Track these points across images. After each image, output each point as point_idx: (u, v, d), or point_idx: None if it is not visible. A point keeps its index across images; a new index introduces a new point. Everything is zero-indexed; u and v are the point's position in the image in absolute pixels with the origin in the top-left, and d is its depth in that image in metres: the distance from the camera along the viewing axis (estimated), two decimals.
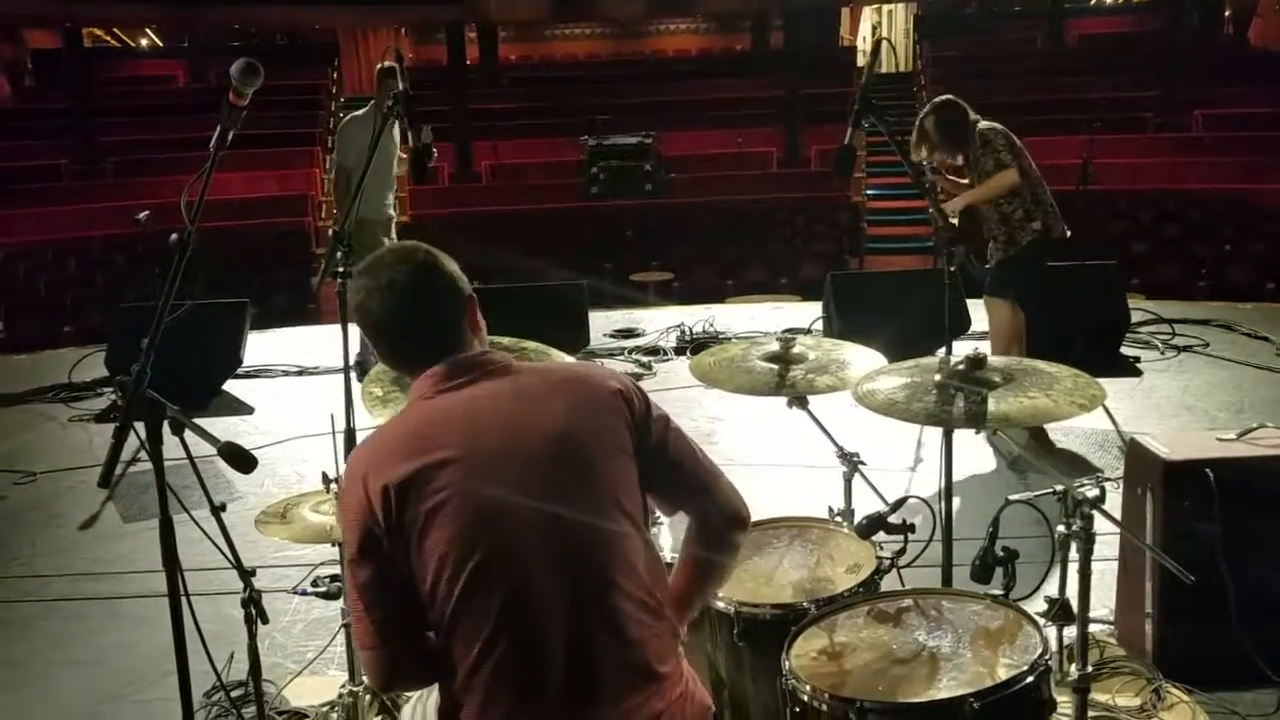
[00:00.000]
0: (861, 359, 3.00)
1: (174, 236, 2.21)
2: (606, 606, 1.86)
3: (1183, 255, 11.43)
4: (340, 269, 3.09)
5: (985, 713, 1.96)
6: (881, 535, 2.57)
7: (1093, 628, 2.63)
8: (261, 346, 7.71)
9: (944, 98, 5.57)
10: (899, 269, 11.52)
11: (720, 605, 2.48)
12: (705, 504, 2.05)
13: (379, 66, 6.75)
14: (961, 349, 7.05)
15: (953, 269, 2.95)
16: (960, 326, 6.78)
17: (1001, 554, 2.31)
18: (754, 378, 2.92)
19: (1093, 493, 2.26)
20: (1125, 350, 6.96)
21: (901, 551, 2.60)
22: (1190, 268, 10.94)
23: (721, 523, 2.06)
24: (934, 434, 5.40)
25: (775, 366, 2.95)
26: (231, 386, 6.96)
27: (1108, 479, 3.86)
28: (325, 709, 3.31)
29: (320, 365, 7.42)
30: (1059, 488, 2.78)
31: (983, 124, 5.51)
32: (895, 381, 2.68)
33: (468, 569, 1.82)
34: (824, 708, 2.09)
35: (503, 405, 1.92)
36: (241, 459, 2.53)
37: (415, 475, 1.85)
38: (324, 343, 7.85)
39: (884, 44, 3.15)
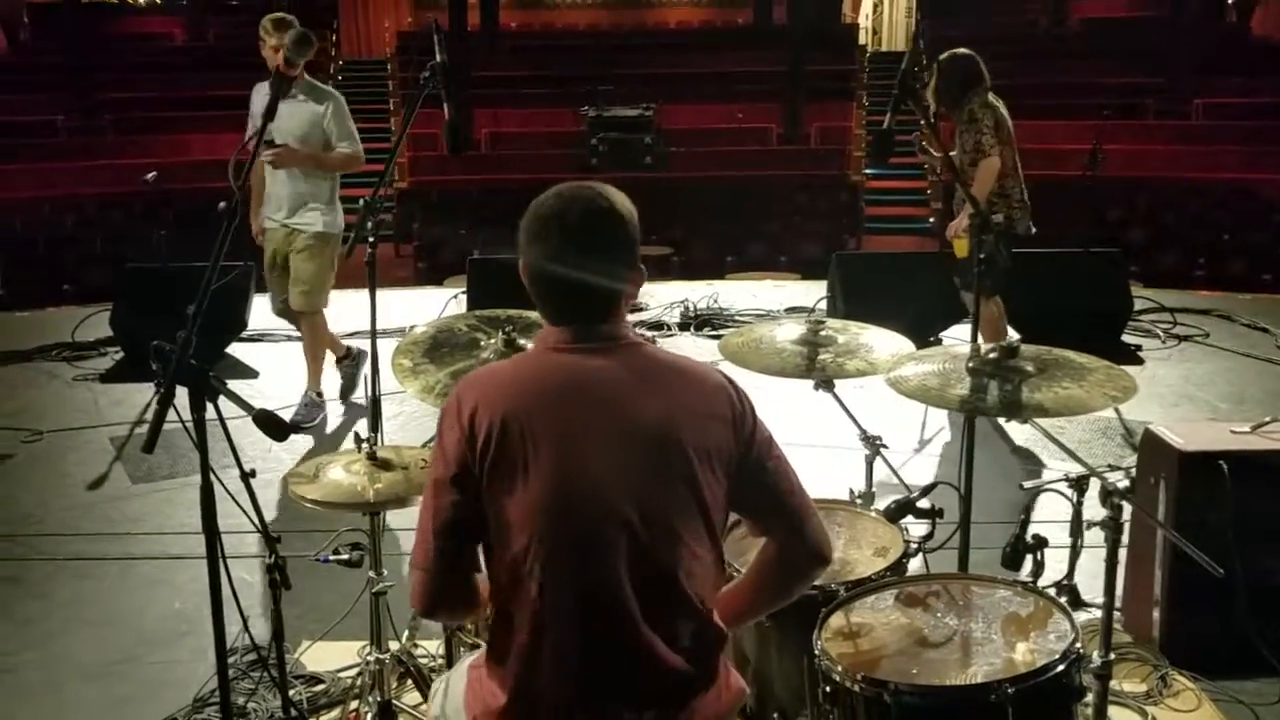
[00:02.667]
0: (888, 343, 3.02)
1: (222, 204, 2.21)
2: (669, 610, 1.87)
3: (1180, 243, 11.47)
4: (370, 237, 3.10)
5: (1019, 699, 1.99)
6: (908, 519, 2.61)
7: (1100, 614, 2.68)
8: (263, 310, 7.67)
9: (961, 51, 5.46)
10: (904, 251, 11.54)
11: None
12: (793, 537, 2.02)
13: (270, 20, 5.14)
14: (961, 333, 7.08)
15: (982, 256, 2.96)
16: (963, 310, 6.81)
17: (1031, 541, 2.34)
18: (783, 359, 2.94)
19: (1123, 483, 2.29)
20: (1127, 338, 7.00)
21: (929, 536, 2.63)
22: (1188, 256, 10.98)
23: (804, 559, 2.03)
24: (937, 418, 5.51)
25: (804, 349, 2.97)
26: (235, 350, 6.96)
27: (1119, 467, 3.91)
28: (342, 674, 3.35)
29: None
30: (1071, 475, 2.82)
31: (976, 100, 5.40)
32: (927, 368, 2.70)
33: (542, 544, 1.83)
34: (856, 688, 2.12)
35: (620, 386, 1.89)
36: (275, 426, 2.55)
37: (521, 426, 1.84)
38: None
39: (923, 30, 3.12)
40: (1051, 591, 2.47)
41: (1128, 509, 2.46)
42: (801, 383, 3.05)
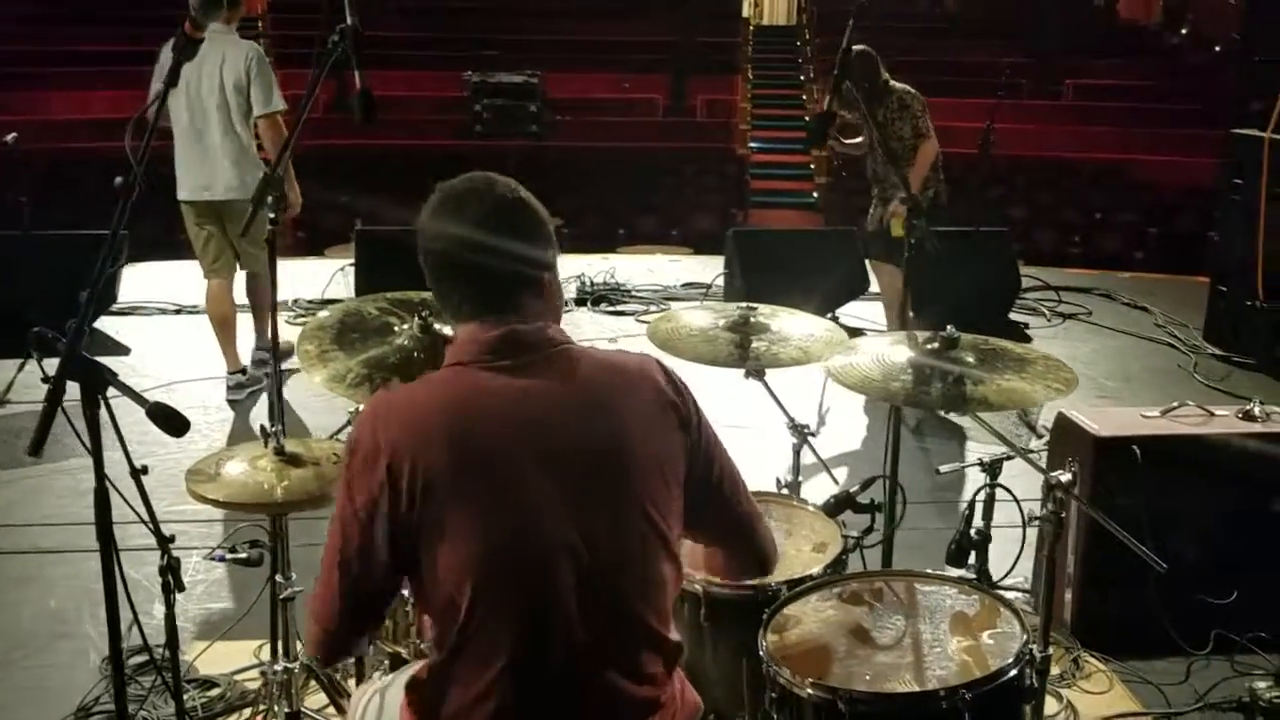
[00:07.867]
0: (820, 331, 2.94)
1: (118, 180, 1.99)
2: (625, 642, 1.75)
3: (1056, 222, 11.78)
4: (273, 214, 2.89)
5: (976, 704, 1.94)
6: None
7: (1011, 596, 2.68)
8: (132, 281, 7.26)
9: (862, 48, 5.47)
10: (791, 226, 11.60)
11: (686, 585, 2.40)
12: (743, 546, 1.94)
13: None
14: (859, 310, 7.10)
15: (913, 242, 2.92)
16: (860, 288, 6.85)
17: (975, 537, 2.30)
18: (715, 347, 2.84)
19: (1066, 478, 2.25)
20: (1013, 316, 7.13)
21: (869, 530, 2.57)
22: (1064, 235, 11.29)
23: (750, 566, 1.97)
24: (838, 396, 5.47)
25: (735, 336, 2.87)
26: (104, 324, 6.56)
27: (1031, 450, 3.94)
28: (238, 676, 3.16)
29: (199, 304, 7.03)
30: (985, 458, 2.81)
31: (895, 84, 5.54)
32: (865, 358, 2.63)
33: (487, 592, 1.65)
34: (806, 694, 2.04)
35: (557, 408, 1.71)
36: (171, 421, 2.34)
37: (451, 468, 1.64)
38: (199, 279, 7.44)
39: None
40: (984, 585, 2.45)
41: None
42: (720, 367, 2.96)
